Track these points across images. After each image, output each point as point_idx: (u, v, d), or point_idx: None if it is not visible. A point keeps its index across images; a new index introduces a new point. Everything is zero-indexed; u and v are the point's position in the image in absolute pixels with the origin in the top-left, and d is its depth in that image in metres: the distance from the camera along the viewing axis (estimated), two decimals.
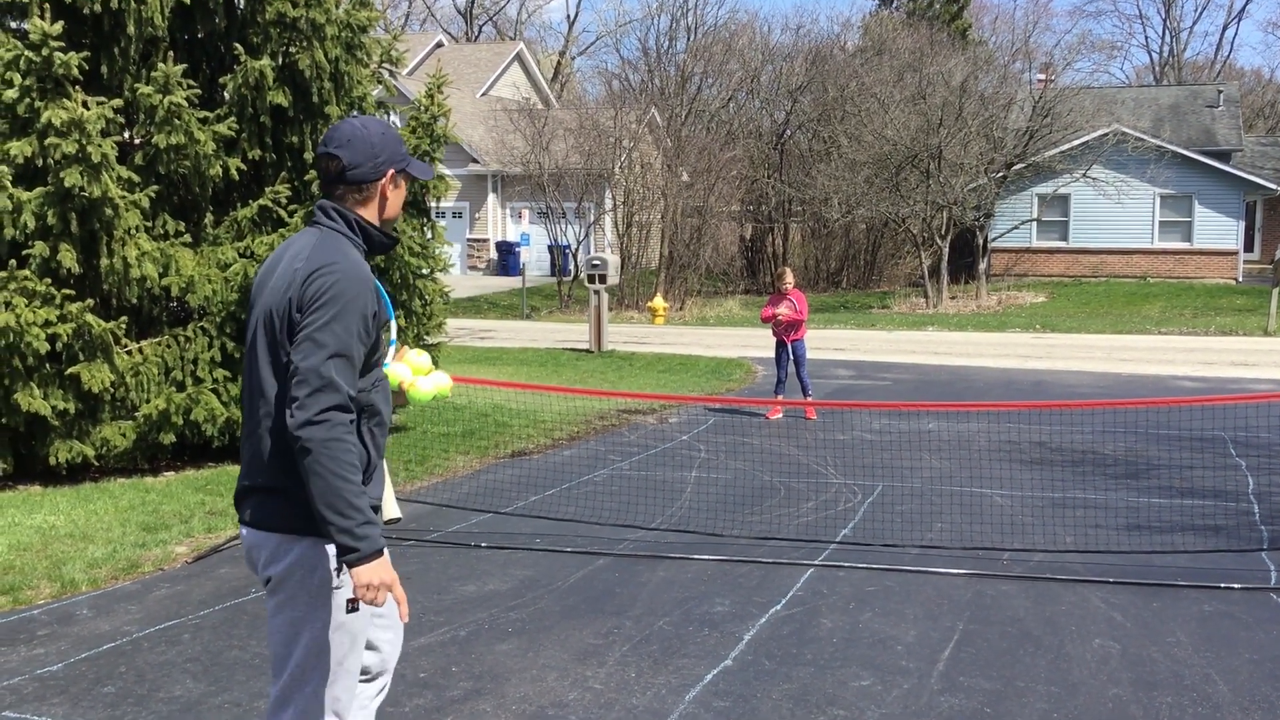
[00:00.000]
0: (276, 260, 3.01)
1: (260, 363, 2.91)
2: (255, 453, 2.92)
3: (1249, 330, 21.87)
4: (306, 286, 2.83)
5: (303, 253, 2.93)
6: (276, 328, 2.87)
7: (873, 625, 5.39)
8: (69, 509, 7.57)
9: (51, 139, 8.07)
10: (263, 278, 3.02)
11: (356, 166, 2.99)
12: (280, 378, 2.87)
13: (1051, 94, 30.61)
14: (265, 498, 2.91)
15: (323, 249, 2.91)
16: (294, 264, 2.91)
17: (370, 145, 3.00)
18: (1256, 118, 55.77)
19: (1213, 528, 7.21)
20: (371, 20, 9.89)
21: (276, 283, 2.92)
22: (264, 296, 2.94)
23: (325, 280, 2.82)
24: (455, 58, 42.62)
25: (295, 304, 2.84)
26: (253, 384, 2.95)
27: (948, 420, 11.59)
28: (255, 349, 2.93)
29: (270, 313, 2.89)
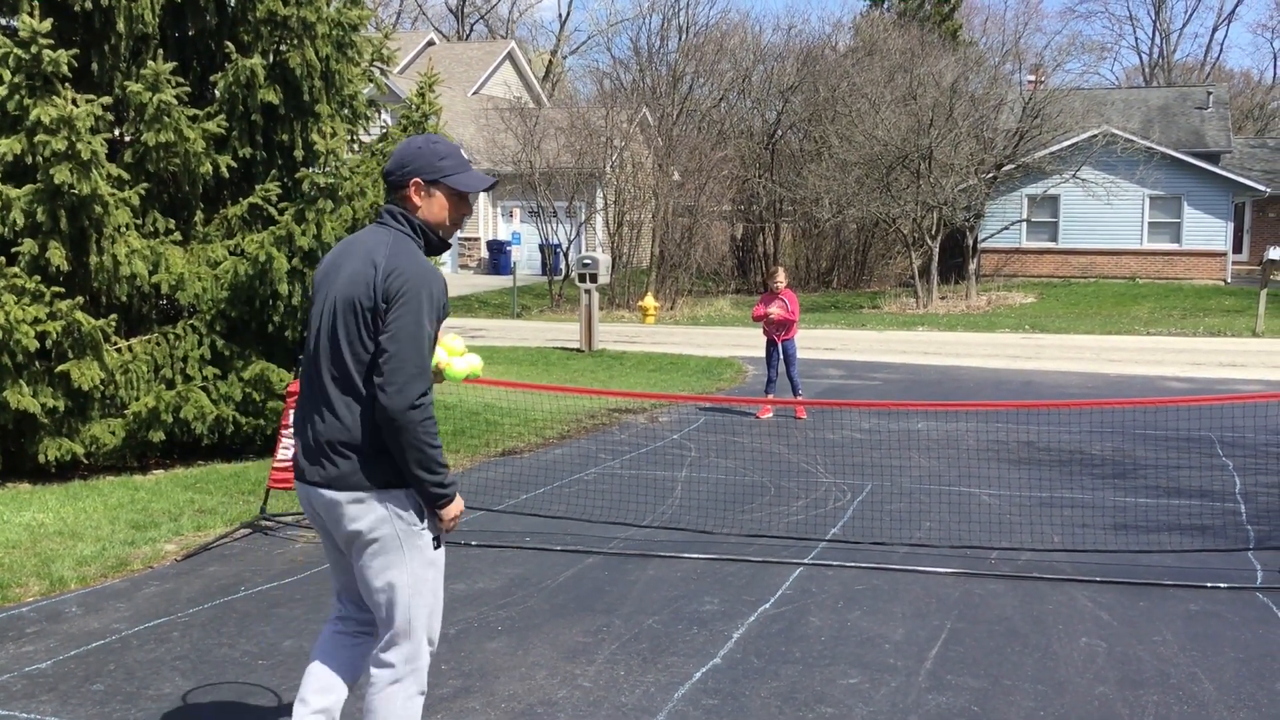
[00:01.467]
0: (346, 252, 3.42)
1: (341, 346, 3.30)
2: (329, 423, 3.32)
3: (1237, 331, 21.96)
4: (389, 283, 3.24)
5: (379, 250, 3.33)
6: (359, 316, 3.27)
7: (861, 624, 5.41)
8: (58, 507, 7.56)
9: (41, 136, 8.06)
10: (332, 267, 3.42)
11: (390, 173, 3.45)
12: (360, 360, 3.28)
13: (1041, 95, 30.69)
14: (345, 462, 3.31)
15: (397, 249, 3.33)
16: (371, 259, 3.31)
17: (403, 155, 3.45)
18: (1245, 119, 55.99)
19: (1199, 527, 7.25)
20: (363, 19, 9.89)
21: (354, 274, 3.31)
22: (339, 285, 3.34)
23: (403, 278, 3.25)
24: (446, 56, 42.58)
25: (381, 296, 3.24)
26: (327, 363, 3.34)
27: (937, 420, 11.62)
28: (335, 332, 3.32)
29: (353, 301, 3.28)
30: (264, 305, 9.10)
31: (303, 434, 3.44)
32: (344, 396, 3.31)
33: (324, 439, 3.34)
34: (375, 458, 3.29)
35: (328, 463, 3.34)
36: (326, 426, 3.33)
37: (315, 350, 3.41)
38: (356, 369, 3.29)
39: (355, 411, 3.30)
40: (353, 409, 3.30)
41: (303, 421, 3.45)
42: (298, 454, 3.48)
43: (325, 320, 3.37)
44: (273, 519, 7.33)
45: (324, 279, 3.45)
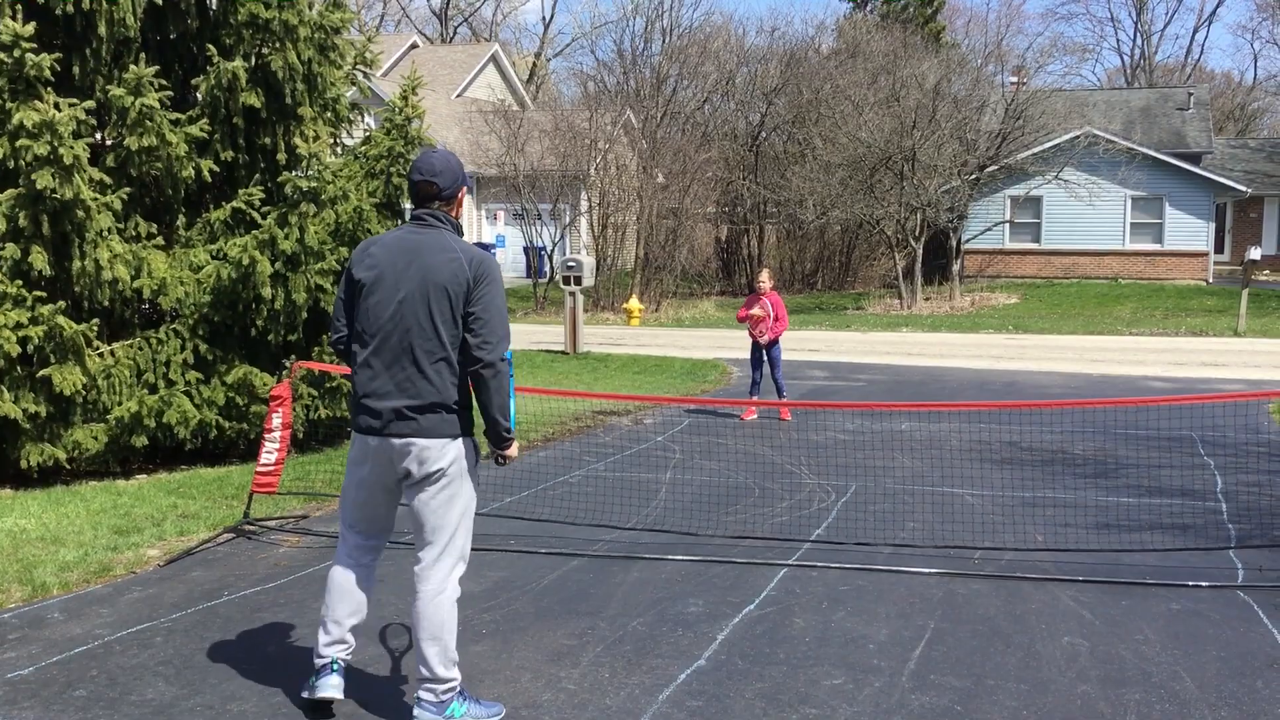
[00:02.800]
0: (414, 249, 4.14)
1: (435, 318, 4.07)
2: (428, 389, 4.09)
3: (1219, 331, 22.09)
4: (476, 269, 4.10)
5: (454, 245, 4.15)
6: (452, 296, 4.07)
7: (845, 624, 5.43)
8: (40, 512, 7.53)
9: (23, 141, 8.03)
10: (404, 256, 4.14)
11: (445, 187, 4.23)
12: (453, 335, 4.10)
13: (1024, 96, 30.82)
14: (435, 416, 4.11)
15: (464, 244, 4.18)
16: (451, 254, 4.11)
17: (453, 170, 4.25)
18: (1226, 120, 56.34)
19: (1181, 526, 7.29)
20: (345, 22, 9.88)
21: (437, 265, 4.08)
22: (422, 274, 4.08)
23: (485, 264, 4.14)
24: (430, 59, 42.52)
25: (472, 279, 4.08)
26: (420, 338, 4.08)
27: (921, 420, 11.65)
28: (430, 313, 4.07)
29: (444, 290, 4.07)
30: (247, 309, 9.08)
31: (390, 397, 4.11)
32: (436, 366, 4.09)
33: (428, 400, 4.09)
34: (459, 412, 4.15)
35: (424, 415, 4.09)
36: (422, 389, 4.09)
37: (400, 331, 4.10)
38: (451, 343, 4.10)
39: (445, 377, 4.11)
40: (443, 375, 4.10)
41: (389, 387, 4.12)
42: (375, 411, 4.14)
43: (413, 303, 4.09)
44: (256, 524, 7.31)
45: (390, 273, 4.13)
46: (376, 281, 4.14)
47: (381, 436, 4.14)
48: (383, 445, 4.15)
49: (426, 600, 4.15)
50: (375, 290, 4.14)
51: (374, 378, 4.15)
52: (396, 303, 4.10)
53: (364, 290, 4.17)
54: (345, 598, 4.34)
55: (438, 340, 4.08)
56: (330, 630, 4.33)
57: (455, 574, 4.23)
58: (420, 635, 4.15)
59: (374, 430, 4.15)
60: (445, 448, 4.12)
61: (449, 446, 4.13)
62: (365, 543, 4.40)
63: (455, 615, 4.21)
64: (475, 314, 4.08)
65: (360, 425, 4.21)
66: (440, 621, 4.15)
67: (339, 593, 4.34)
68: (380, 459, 4.19)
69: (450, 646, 4.18)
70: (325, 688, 4.31)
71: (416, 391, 4.09)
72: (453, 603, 4.20)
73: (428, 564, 4.20)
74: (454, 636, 4.20)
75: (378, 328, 4.13)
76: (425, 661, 4.15)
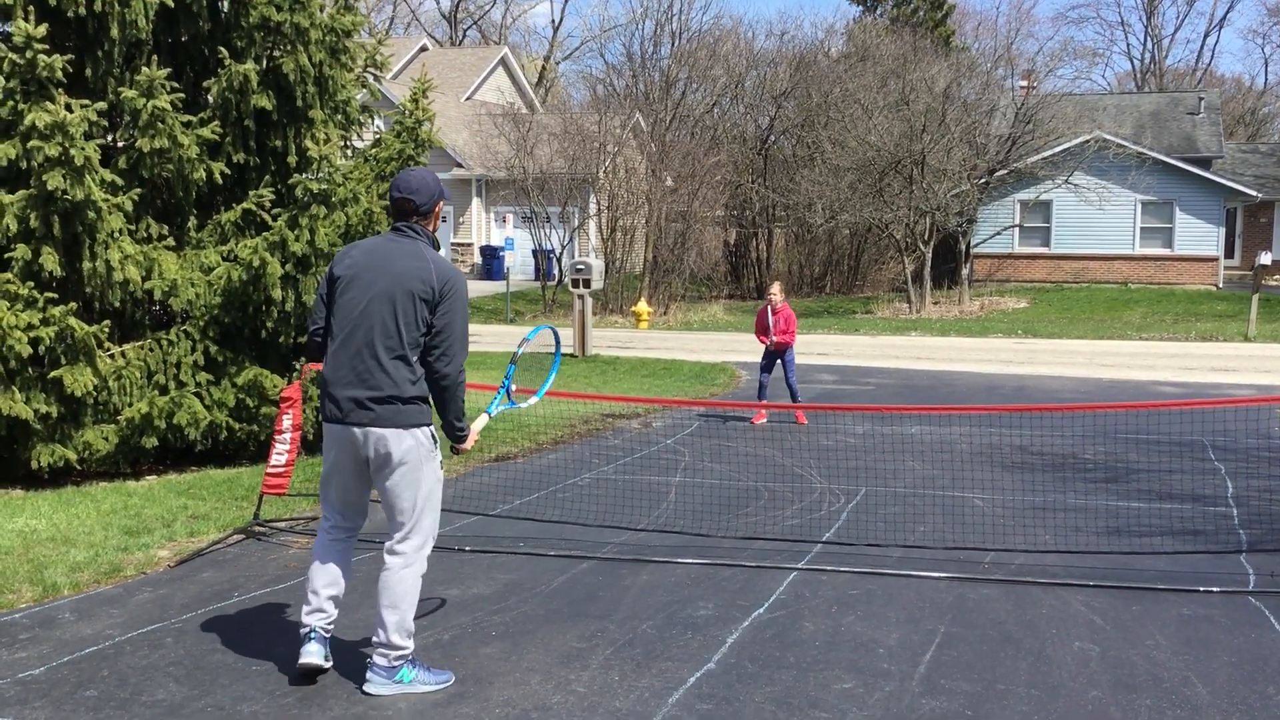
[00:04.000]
0: (388, 253, 4.52)
1: (400, 327, 4.41)
2: (386, 382, 4.43)
3: (1229, 336, 22.02)
4: (442, 281, 4.44)
5: (426, 257, 4.50)
6: (417, 302, 4.42)
7: (855, 628, 5.42)
8: (50, 513, 7.55)
9: (34, 142, 8.05)
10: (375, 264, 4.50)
11: (423, 203, 4.61)
12: (414, 339, 4.43)
13: (1033, 101, 30.77)
14: (391, 407, 4.44)
15: (437, 256, 4.55)
16: (423, 265, 4.46)
17: (432, 187, 4.63)
18: (1237, 124, 56.16)
19: (1192, 531, 7.27)
20: (356, 25, 9.89)
21: (407, 271, 4.44)
22: (391, 278, 4.44)
23: (453, 279, 4.51)
24: (440, 62, 42.59)
25: (438, 291, 4.43)
26: (382, 337, 4.42)
27: (930, 424, 11.64)
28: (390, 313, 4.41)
29: (411, 296, 4.41)
30: (257, 311, 9.09)
31: (350, 387, 4.46)
32: (394, 363, 4.43)
33: (383, 392, 4.42)
34: (415, 404, 4.48)
35: (381, 406, 4.43)
36: (380, 382, 4.43)
37: (365, 326, 4.45)
38: (410, 344, 4.44)
39: (404, 374, 4.44)
40: (401, 373, 4.44)
41: (350, 377, 4.46)
42: (339, 401, 4.49)
43: (380, 308, 4.43)
44: (266, 525, 7.32)
45: (365, 273, 4.49)
46: (352, 280, 4.52)
47: (344, 425, 4.50)
48: (345, 433, 4.51)
49: (393, 572, 4.53)
50: (350, 288, 4.52)
51: (338, 369, 4.52)
52: (366, 300, 4.46)
53: (340, 287, 4.56)
54: (322, 570, 4.68)
55: (399, 339, 4.43)
56: (309, 600, 4.69)
57: (423, 551, 4.61)
58: (381, 603, 4.50)
59: (337, 419, 4.52)
60: (401, 437, 4.46)
61: (404, 436, 4.47)
62: (341, 522, 4.76)
63: (417, 590, 4.58)
64: (438, 327, 4.45)
65: (326, 413, 4.58)
66: (403, 592, 4.52)
67: (317, 565, 4.70)
68: (344, 445, 4.55)
69: (408, 618, 4.53)
70: (305, 654, 4.65)
71: (375, 384, 4.44)
72: (416, 577, 4.58)
73: (396, 541, 4.58)
74: (413, 609, 4.56)
75: (348, 322, 4.50)
76: (383, 627, 4.50)
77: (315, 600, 4.68)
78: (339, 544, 4.75)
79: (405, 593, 4.52)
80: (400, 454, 4.48)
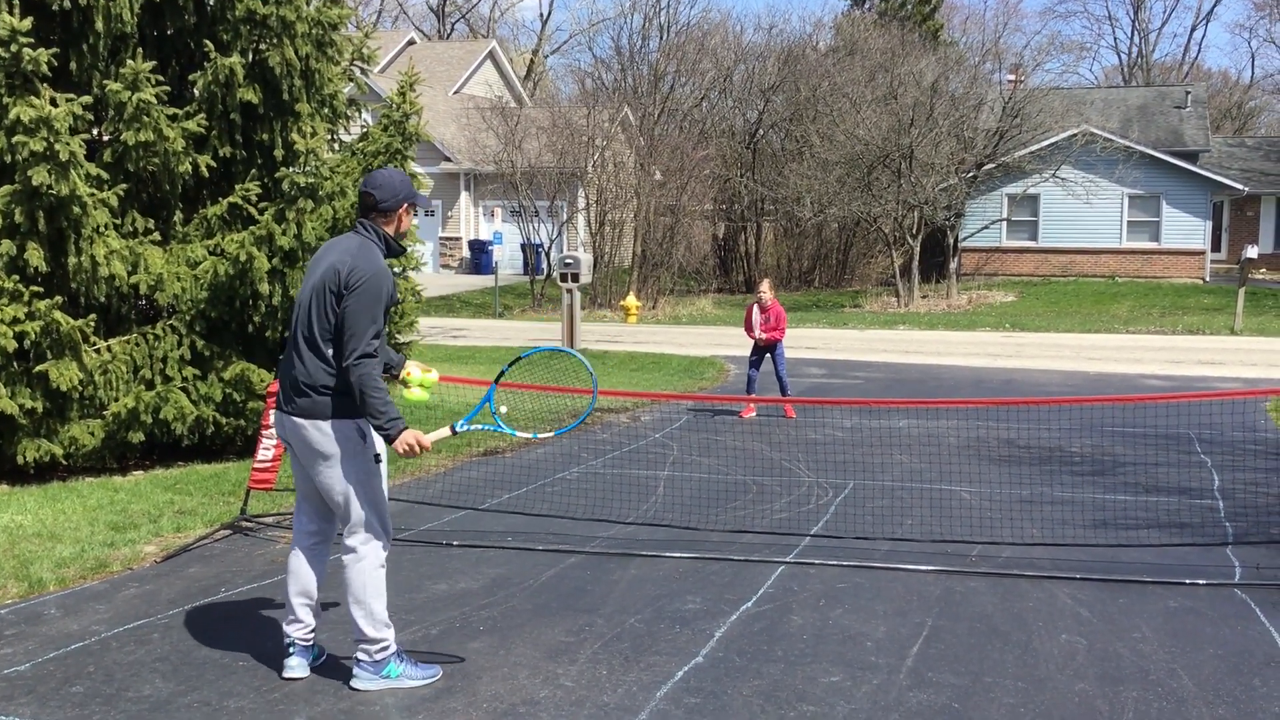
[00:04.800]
0: (329, 250, 4.58)
1: (313, 317, 4.45)
2: (301, 372, 4.46)
3: (1216, 329, 22.10)
4: (350, 276, 4.39)
5: (350, 250, 4.48)
6: (326, 298, 4.41)
7: (843, 622, 5.42)
8: (36, 508, 7.52)
9: (19, 136, 8.01)
10: (317, 259, 4.58)
11: (383, 200, 4.60)
12: (325, 329, 4.44)
13: (1021, 95, 30.82)
14: (308, 399, 4.46)
15: (361, 252, 4.48)
16: (343, 258, 4.44)
17: (394, 189, 4.61)
18: (1224, 118, 56.33)
19: (1178, 524, 7.29)
20: (342, 18, 9.85)
21: (329, 267, 4.44)
22: (319, 273, 4.47)
23: (361, 274, 4.40)
24: (427, 55, 42.46)
25: (344, 285, 4.39)
26: (303, 328, 4.48)
27: (918, 418, 11.66)
28: (311, 307, 4.46)
29: (324, 287, 4.42)
30: (244, 305, 9.06)
31: (283, 376, 4.57)
32: (309, 353, 4.47)
33: (299, 381, 4.47)
34: (331, 396, 4.46)
35: (300, 398, 4.48)
36: (298, 372, 4.48)
37: (295, 319, 4.55)
38: (321, 335, 4.45)
39: (317, 365, 4.46)
40: (314, 363, 4.46)
41: (285, 368, 4.57)
42: (281, 390, 4.59)
43: (305, 297, 4.50)
44: (253, 520, 7.30)
45: (311, 267, 4.59)
46: (306, 275, 4.65)
47: (280, 413, 4.63)
48: (281, 420, 4.64)
49: (347, 568, 4.57)
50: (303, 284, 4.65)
51: (283, 359, 4.67)
52: (301, 294, 4.59)
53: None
54: (293, 580, 4.72)
55: (313, 330, 4.47)
56: (288, 611, 4.74)
57: (370, 545, 4.58)
58: (347, 601, 4.58)
59: (279, 406, 4.65)
60: (319, 428, 4.48)
61: (322, 426, 4.48)
62: (308, 525, 4.77)
63: (376, 582, 4.58)
64: (340, 320, 4.43)
65: (276, 400, 4.72)
66: (360, 585, 4.54)
67: (290, 575, 4.75)
68: (284, 435, 4.67)
69: (375, 610, 4.56)
70: (287, 669, 4.70)
71: (296, 375, 4.51)
72: (373, 569, 4.58)
73: (344, 537, 4.61)
74: (380, 601, 4.57)
75: (293, 315, 4.63)
76: (354, 623, 4.57)
77: (289, 611, 4.72)
78: (309, 551, 4.74)
79: (363, 585, 4.53)
80: (318, 445, 4.49)
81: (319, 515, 4.76)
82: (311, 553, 4.73)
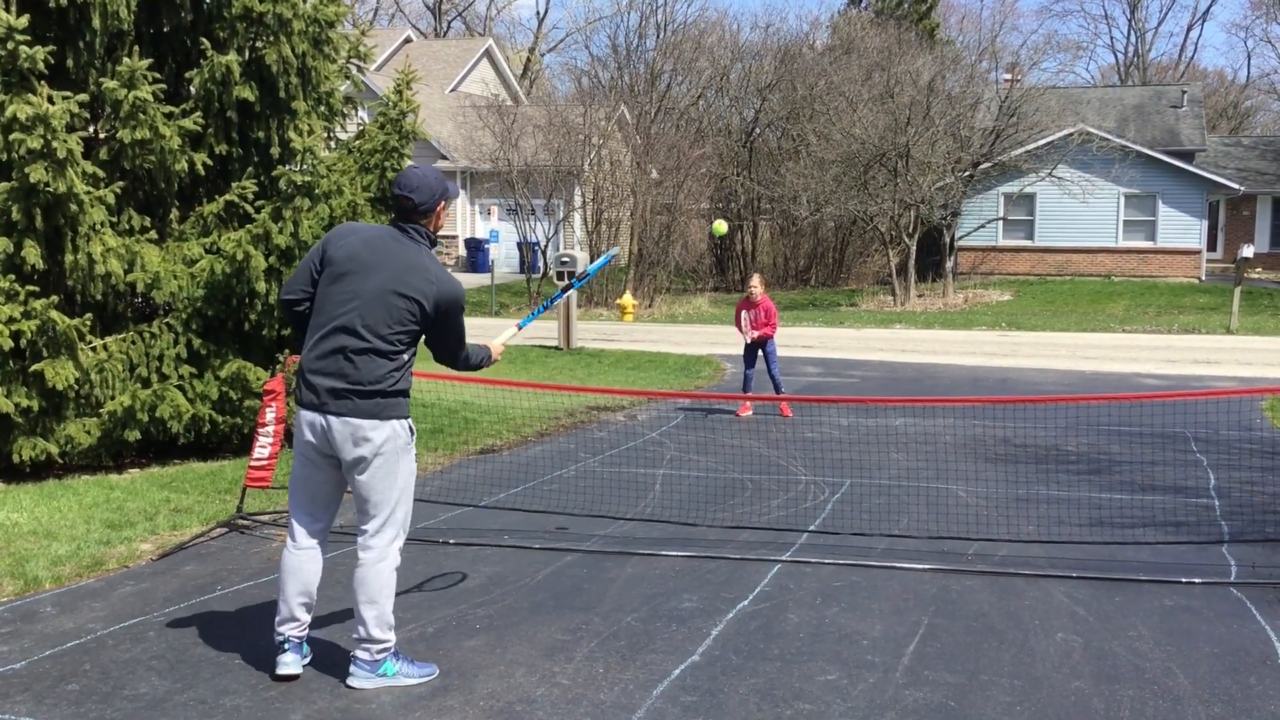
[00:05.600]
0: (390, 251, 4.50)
1: (388, 321, 4.42)
2: (367, 372, 4.41)
3: (1212, 329, 22.13)
4: (442, 293, 4.48)
5: (424, 264, 4.50)
6: (410, 308, 4.44)
7: (839, 620, 5.43)
8: (32, 506, 7.51)
9: (16, 134, 7.99)
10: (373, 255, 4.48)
11: (422, 202, 4.57)
12: (399, 335, 4.45)
13: (1018, 94, 30.83)
14: (370, 401, 4.42)
15: (436, 267, 4.53)
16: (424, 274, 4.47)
17: (430, 189, 4.57)
18: (1220, 118, 56.41)
19: (1174, 523, 7.31)
20: (339, 15, 9.84)
21: (407, 272, 4.45)
22: (390, 274, 4.44)
23: (453, 293, 4.53)
24: (424, 53, 42.44)
25: (437, 307, 4.49)
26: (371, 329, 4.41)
27: (914, 416, 11.67)
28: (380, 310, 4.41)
29: (410, 297, 4.43)
30: (241, 304, 9.05)
31: (330, 376, 4.43)
32: (379, 356, 4.43)
33: (363, 382, 4.41)
34: (396, 397, 4.49)
35: (361, 399, 4.42)
36: (362, 373, 4.41)
37: (353, 320, 4.42)
38: (395, 339, 4.44)
39: (387, 366, 4.45)
40: (384, 364, 4.44)
41: (332, 367, 4.43)
42: (318, 390, 4.45)
43: (371, 302, 4.42)
44: (249, 518, 7.29)
45: (361, 267, 4.46)
46: (346, 270, 4.48)
47: (321, 413, 4.46)
48: (322, 420, 4.46)
49: (367, 567, 4.52)
50: (343, 278, 4.47)
51: (320, 357, 4.47)
52: (358, 294, 4.44)
53: (333, 272, 4.50)
54: (292, 578, 4.63)
55: (385, 338, 4.43)
56: (280, 608, 4.67)
57: (395, 544, 4.60)
58: (359, 598, 4.51)
59: (314, 406, 4.47)
60: (379, 428, 4.44)
61: (381, 427, 4.45)
62: (311, 525, 4.69)
63: (393, 583, 4.57)
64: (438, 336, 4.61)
65: (303, 399, 4.53)
66: (379, 586, 4.52)
67: (287, 573, 4.65)
68: (319, 434, 4.49)
69: (386, 611, 4.54)
70: (281, 665, 4.63)
71: (357, 377, 4.41)
72: (392, 570, 4.57)
73: (370, 535, 4.56)
74: (391, 601, 4.56)
75: (336, 312, 4.45)
76: (363, 623, 4.51)
77: (286, 609, 4.62)
78: (311, 550, 4.66)
79: (381, 586, 4.50)
80: (377, 444, 4.45)
81: (325, 514, 4.70)
82: (313, 551, 4.66)
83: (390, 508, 4.54)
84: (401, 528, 4.61)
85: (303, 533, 4.67)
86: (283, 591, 4.63)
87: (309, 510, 4.67)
